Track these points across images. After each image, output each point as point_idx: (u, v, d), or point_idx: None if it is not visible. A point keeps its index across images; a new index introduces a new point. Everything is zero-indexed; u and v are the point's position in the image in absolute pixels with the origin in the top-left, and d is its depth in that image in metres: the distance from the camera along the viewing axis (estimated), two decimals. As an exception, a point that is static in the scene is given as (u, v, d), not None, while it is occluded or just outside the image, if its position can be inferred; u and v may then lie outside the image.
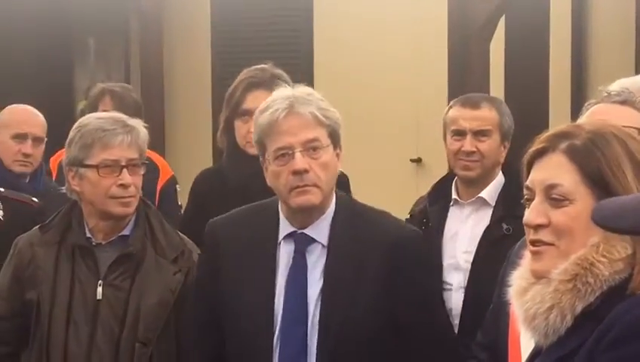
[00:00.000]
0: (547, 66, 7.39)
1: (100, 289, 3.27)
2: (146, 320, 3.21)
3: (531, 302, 2.05)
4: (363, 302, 2.86)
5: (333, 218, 2.95)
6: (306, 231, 2.94)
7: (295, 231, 2.95)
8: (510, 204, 3.74)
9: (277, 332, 2.89)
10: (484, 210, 3.85)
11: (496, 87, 6.72)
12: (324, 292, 2.88)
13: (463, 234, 3.84)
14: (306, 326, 2.88)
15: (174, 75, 8.45)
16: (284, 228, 2.96)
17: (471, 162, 3.82)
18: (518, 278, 2.15)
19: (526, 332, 2.09)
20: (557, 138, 2.11)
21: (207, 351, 3.05)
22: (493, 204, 3.83)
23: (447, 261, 3.83)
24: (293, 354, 2.87)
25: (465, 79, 6.25)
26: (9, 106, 4.78)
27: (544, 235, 2.05)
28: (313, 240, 2.94)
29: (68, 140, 3.36)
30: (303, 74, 8.14)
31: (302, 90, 2.98)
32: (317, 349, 2.86)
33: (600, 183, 2.04)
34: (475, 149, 3.81)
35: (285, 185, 2.87)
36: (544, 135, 2.16)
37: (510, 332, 2.84)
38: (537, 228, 2.05)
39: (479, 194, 3.85)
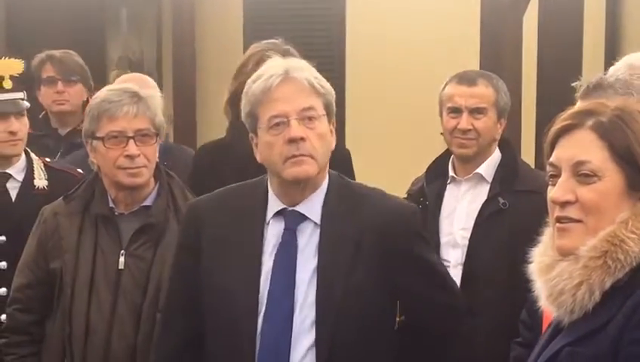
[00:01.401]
0: (581, 40, 7.31)
1: (122, 259, 3.30)
2: None
3: (558, 278, 2.05)
4: (360, 281, 2.76)
5: (325, 195, 2.83)
6: (297, 208, 2.81)
7: (285, 209, 2.81)
8: (506, 180, 3.76)
9: (262, 313, 2.75)
10: (481, 186, 3.83)
11: (529, 61, 6.66)
12: (321, 271, 2.75)
13: (460, 210, 3.82)
14: (292, 304, 2.74)
15: (206, 45, 8.43)
16: (274, 205, 2.82)
17: (467, 140, 3.80)
18: (539, 255, 2.14)
19: (550, 308, 2.08)
20: (583, 115, 2.10)
21: (181, 333, 2.92)
22: (490, 180, 3.81)
23: (444, 238, 3.81)
24: (277, 332, 2.74)
25: (497, 56, 6.19)
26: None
27: (571, 212, 2.04)
28: (305, 218, 2.80)
29: (85, 113, 3.40)
30: (336, 63, 8.13)
31: (295, 59, 2.89)
32: (316, 331, 2.72)
33: (629, 159, 2.04)
34: (471, 127, 3.79)
35: (280, 155, 2.73)
36: (567, 112, 2.15)
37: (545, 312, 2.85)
38: (564, 204, 2.05)
39: (476, 171, 3.83)
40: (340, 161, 3.79)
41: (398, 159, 7.76)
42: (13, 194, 4.00)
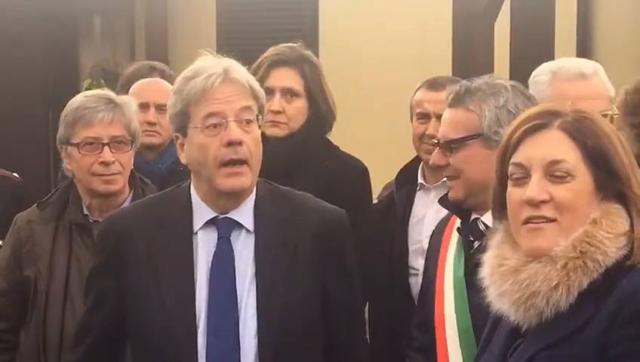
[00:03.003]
0: (552, 45, 7.33)
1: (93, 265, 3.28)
2: None
3: (530, 280, 2.02)
4: (300, 286, 2.66)
5: (256, 201, 2.70)
6: (229, 215, 2.68)
7: (217, 217, 2.68)
8: None
9: (202, 328, 2.61)
10: None
11: (501, 65, 6.68)
12: (260, 279, 2.63)
13: (428, 218, 3.73)
14: (237, 318, 2.61)
15: (179, 52, 8.42)
16: (203, 214, 2.68)
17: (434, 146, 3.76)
18: (497, 258, 2.11)
19: (513, 312, 2.04)
20: (548, 115, 2.09)
21: (96, 355, 2.77)
22: None
23: (412, 246, 3.77)
24: (226, 351, 2.60)
25: (469, 59, 6.21)
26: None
27: (546, 211, 2.03)
28: (238, 225, 2.68)
29: (60, 120, 3.37)
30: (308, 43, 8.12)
31: (229, 59, 2.71)
32: (258, 340, 2.60)
33: (599, 160, 2.04)
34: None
35: (215, 159, 2.60)
36: (530, 113, 2.14)
37: (436, 313, 2.86)
38: (539, 204, 2.03)
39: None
40: (357, 177, 3.78)
41: (372, 151, 7.78)
42: None
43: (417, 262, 3.71)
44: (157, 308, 2.63)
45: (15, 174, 4.12)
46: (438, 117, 3.66)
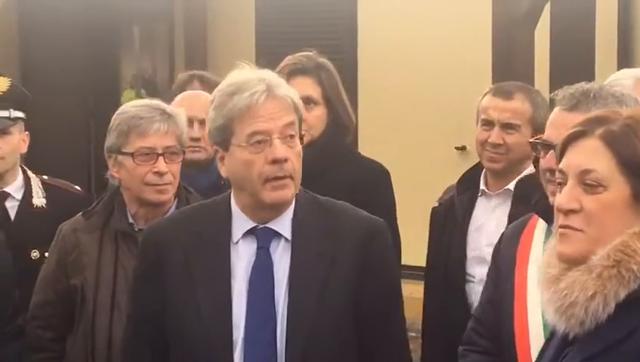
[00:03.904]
0: (593, 52, 7.31)
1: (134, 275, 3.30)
2: None
3: (569, 289, 2.01)
4: (335, 297, 2.64)
5: (294, 210, 2.70)
6: (269, 225, 2.68)
7: (256, 227, 2.68)
8: (525, 196, 3.49)
9: (240, 340, 2.61)
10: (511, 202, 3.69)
11: (541, 73, 6.66)
12: (292, 291, 2.63)
13: (488, 226, 3.70)
14: (275, 329, 2.61)
15: (218, 62, 8.46)
16: (242, 224, 2.68)
17: (496, 154, 3.69)
18: (546, 266, 2.10)
19: (557, 321, 2.03)
20: (593, 122, 2.07)
21: None
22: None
23: (471, 253, 3.72)
24: (263, 358, 2.60)
25: (509, 66, 6.20)
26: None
27: (574, 221, 2.01)
28: (277, 235, 2.68)
29: (109, 127, 3.39)
30: (346, 61, 8.14)
31: (269, 72, 2.70)
32: (286, 349, 2.59)
33: (636, 170, 2.01)
34: (501, 142, 3.67)
35: (260, 175, 2.60)
36: (582, 119, 2.13)
37: (516, 319, 2.80)
38: (568, 213, 2.02)
39: (507, 186, 3.71)
40: (379, 180, 3.79)
41: (410, 158, 7.79)
42: (12, 213, 3.99)
43: (474, 270, 3.69)
44: (194, 317, 2.64)
45: (77, 187, 4.15)
46: (502, 125, 3.68)
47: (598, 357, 1.97)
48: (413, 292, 4.18)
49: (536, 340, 2.73)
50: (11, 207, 3.99)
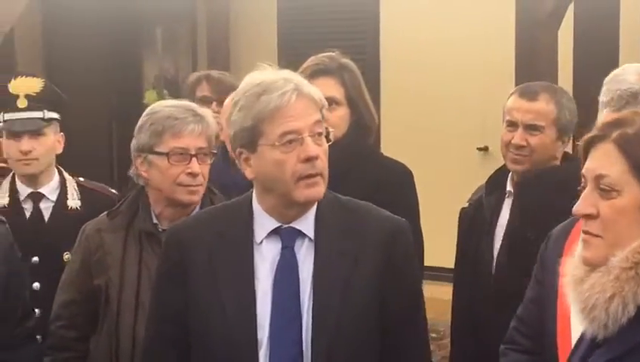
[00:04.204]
0: (617, 53, 7.27)
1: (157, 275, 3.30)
2: None
3: (590, 291, 2.02)
4: (358, 296, 2.65)
5: (317, 209, 2.71)
6: (293, 224, 2.69)
7: (280, 226, 2.69)
8: (528, 188, 3.57)
9: (265, 340, 2.62)
10: None
11: (564, 74, 6.64)
12: (316, 290, 2.64)
13: None
14: (301, 329, 2.62)
15: (241, 63, 8.48)
16: (266, 224, 2.69)
17: (520, 156, 3.68)
18: (573, 267, 2.11)
19: (583, 322, 2.05)
20: (610, 126, 2.07)
21: None
22: None
23: (497, 253, 3.70)
24: (288, 358, 2.61)
25: (532, 66, 6.18)
26: None
27: (592, 227, 2.02)
28: (300, 234, 2.69)
29: (138, 126, 3.38)
30: (369, 62, 8.14)
31: (290, 72, 2.70)
32: (311, 348, 2.60)
33: None
34: (524, 143, 3.67)
35: (293, 174, 2.60)
36: (601, 123, 2.12)
37: (559, 321, 2.80)
38: (586, 218, 2.02)
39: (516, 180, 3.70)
40: (402, 181, 3.77)
41: (432, 159, 7.78)
42: (46, 214, 4.02)
43: None
44: (218, 317, 2.65)
45: (113, 190, 4.17)
46: (526, 127, 3.67)
47: (620, 360, 1.97)
48: (434, 293, 4.17)
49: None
50: (45, 208, 4.02)
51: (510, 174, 3.80)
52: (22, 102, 3.94)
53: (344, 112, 3.77)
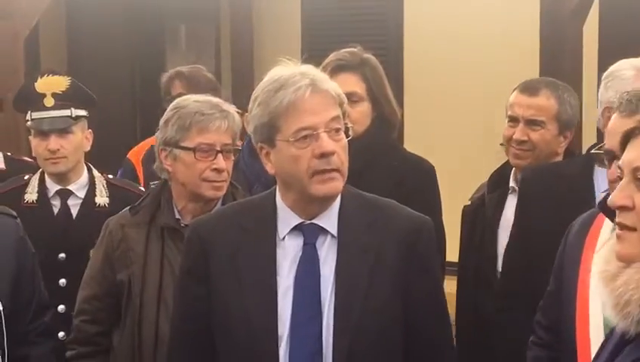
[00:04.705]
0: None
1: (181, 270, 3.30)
2: None
3: (624, 287, 1.99)
4: (380, 293, 2.65)
5: (340, 206, 2.70)
6: (315, 221, 2.68)
7: (303, 223, 2.68)
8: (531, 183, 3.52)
9: (286, 336, 2.62)
10: None
11: (589, 69, 6.60)
12: (339, 286, 2.63)
13: None
14: (321, 326, 2.61)
15: (264, 61, 8.48)
16: (288, 220, 2.68)
17: (521, 151, 3.69)
18: (604, 263, 2.08)
19: (615, 318, 2.03)
20: None
21: None
22: None
23: (501, 250, 3.70)
24: (309, 357, 2.60)
25: (557, 62, 6.15)
26: None
27: (627, 219, 1.99)
28: (323, 231, 2.68)
29: (164, 120, 3.39)
30: (392, 60, 8.11)
31: (310, 67, 2.69)
32: (333, 344, 2.60)
33: None
34: (525, 138, 3.67)
35: (307, 170, 2.59)
36: None
37: (578, 315, 2.79)
38: (621, 209, 2.00)
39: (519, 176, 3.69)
40: (426, 179, 3.76)
41: (457, 156, 7.74)
42: (74, 211, 4.04)
43: None
44: (239, 313, 2.65)
45: (141, 188, 4.19)
46: (527, 122, 3.68)
47: None
48: (453, 288, 4.16)
49: (596, 337, 2.72)
50: (73, 205, 4.04)
51: (513, 170, 3.80)
52: (49, 101, 3.97)
53: (366, 107, 3.77)
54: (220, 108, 3.35)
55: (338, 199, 2.71)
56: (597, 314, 2.76)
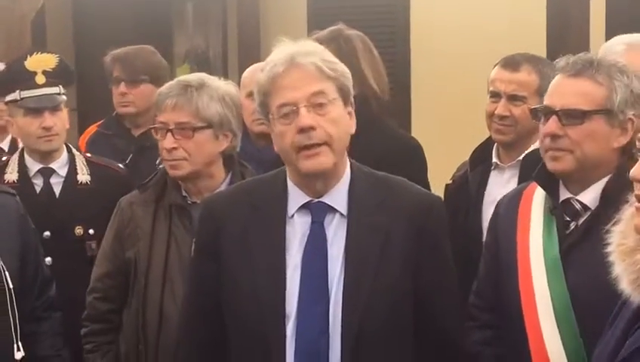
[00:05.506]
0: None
1: (194, 248, 3.31)
2: None
3: None
4: (390, 271, 2.64)
5: (350, 184, 2.70)
6: (322, 199, 2.68)
7: (311, 201, 2.68)
8: (532, 166, 3.57)
9: (293, 314, 2.62)
10: None
11: (596, 48, 6.58)
12: (348, 265, 2.62)
13: None
14: (328, 304, 2.61)
15: (271, 40, 8.46)
16: (297, 198, 2.69)
17: (504, 126, 3.67)
18: (621, 237, 2.08)
19: (633, 292, 2.02)
20: None
21: (202, 340, 2.80)
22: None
23: (486, 226, 3.58)
24: (315, 334, 2.60)
25: (564, 43, 6.12)
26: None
27: None
28: (331, 209, 2.68)
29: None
30: (400, 46, 8.09)
31: (305, 43, 2.70)
32: (342, 323, 2.59)
33: None
34: (507, 113, 3.65)
35: (292, 146, 2.60)
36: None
37: (522, 292, 2.80)
38: None
39: (519, 158, 3.68)
40: (410, 156, 3.73)
41: (465, 146, 7.72)
42: (57, 189, 4.02)
43: None
44: (248, 290, 2.66)
45: (120, 165, 4.19)
46: (509, 97, 3.66)
47: None
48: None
49: (543, 310, 2.76)
50: (56, 183, 4.03)
51: (495, 146, 3.79)
52: (40, 79, 3.96)
53: None
54: (181, 86, 3.33)
55: (347, 176, 2.72)
56: (542, 286, 2.77)
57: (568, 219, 2.84)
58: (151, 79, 4.72)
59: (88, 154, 4.19)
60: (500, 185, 3.72)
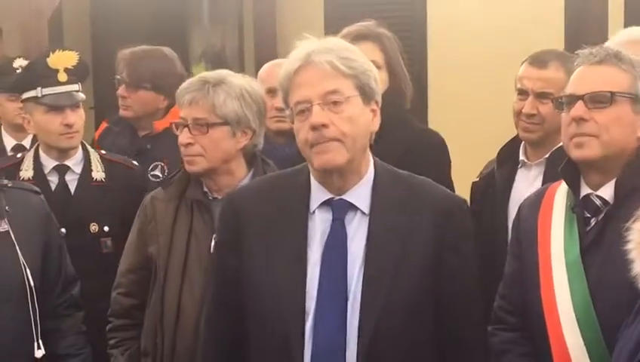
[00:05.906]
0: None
1: (214, 243, 3.27)
2: None
3: None
4: (409, 276, 2.63)
5: (373, 183, 2.69)
6: (344, 196, 2.67)
7: (332, 198, 2.68)
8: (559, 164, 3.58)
9: (312, 311, 2.61)
10: None
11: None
12: (368, 264, 2.62)
13: None
14: (346, 301, 2.60)
15: (287, 37, 8.45)
16: (319, 195, 2.69)
17: (531, 124, 3.63)
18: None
19: None
20: None
21: (227, 337, 2.79)
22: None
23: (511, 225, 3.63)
24: (331, 332, 2.60)
25: (582, 38, 6.09)
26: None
27: None
28: (353, 207, 2.67)
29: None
30: (416, 38, 8.08)
31: (327, 40, 2.69)
32: (360, 322, 2.58)
33: None
34: (535, 112, 3.62)
35: (306, 142, 2.61)
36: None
37: (543, 292, 2.79)
38: None
39: (546, 156, 3.65)
40: (432, 150, 3.75)
41: (482, 135, 7.70)
42: (72, 186, 4.04)
43: None
44: (269, 286, 2.66)
45: (135, 162, 4.20)
46: (537, 95, 3.63)
47: None
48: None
49: (564, 311, 2.74)
50: (71, 180, 4.04)
51: (522, 144, 3.76)
52: (62, 76, 3.98)
53: (383, 76, 3.75)
54: (201, 82, 3.34)
55: (371, 175, 2.71)
56: (563, 288, 2.76)
57: (589, 215, 2.82)
58: (152, 86, 4.63)
59: (103, 151, 4.20)
60: (526, 182, 3.69)
